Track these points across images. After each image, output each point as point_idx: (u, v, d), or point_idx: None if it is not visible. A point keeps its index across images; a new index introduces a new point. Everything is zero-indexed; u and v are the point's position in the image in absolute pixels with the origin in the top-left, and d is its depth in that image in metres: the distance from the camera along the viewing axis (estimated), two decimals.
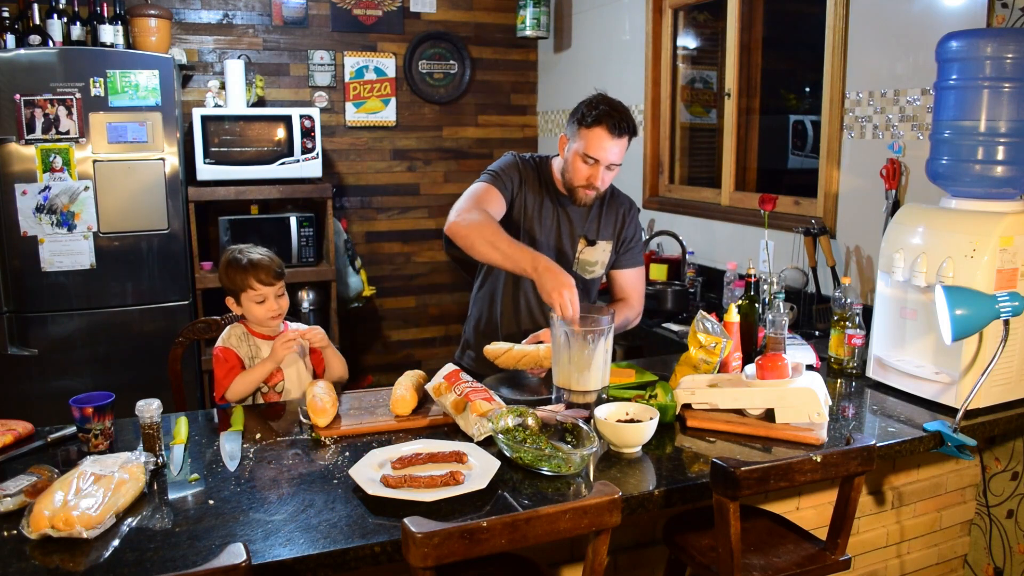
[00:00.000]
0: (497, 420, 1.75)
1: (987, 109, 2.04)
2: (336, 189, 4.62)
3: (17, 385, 3.56)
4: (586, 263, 2.44)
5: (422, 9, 4.71)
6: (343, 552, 1.39)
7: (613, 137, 2.21)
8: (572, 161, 2.28)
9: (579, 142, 2.25)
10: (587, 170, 2.26)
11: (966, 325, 1.90)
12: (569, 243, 2.42)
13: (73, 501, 1.42)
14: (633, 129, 2.25)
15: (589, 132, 2.22)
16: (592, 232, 2.43)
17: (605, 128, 2.20)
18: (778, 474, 1.54)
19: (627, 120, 2.23)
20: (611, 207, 2.46)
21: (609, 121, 2.19)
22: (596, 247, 2.44)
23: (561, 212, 2.41)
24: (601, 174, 2.26)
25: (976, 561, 2.57)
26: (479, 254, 2.14)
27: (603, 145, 2.22)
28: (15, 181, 3.47)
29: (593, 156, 2.23)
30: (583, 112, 2.24)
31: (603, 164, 2.24)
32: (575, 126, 2.26)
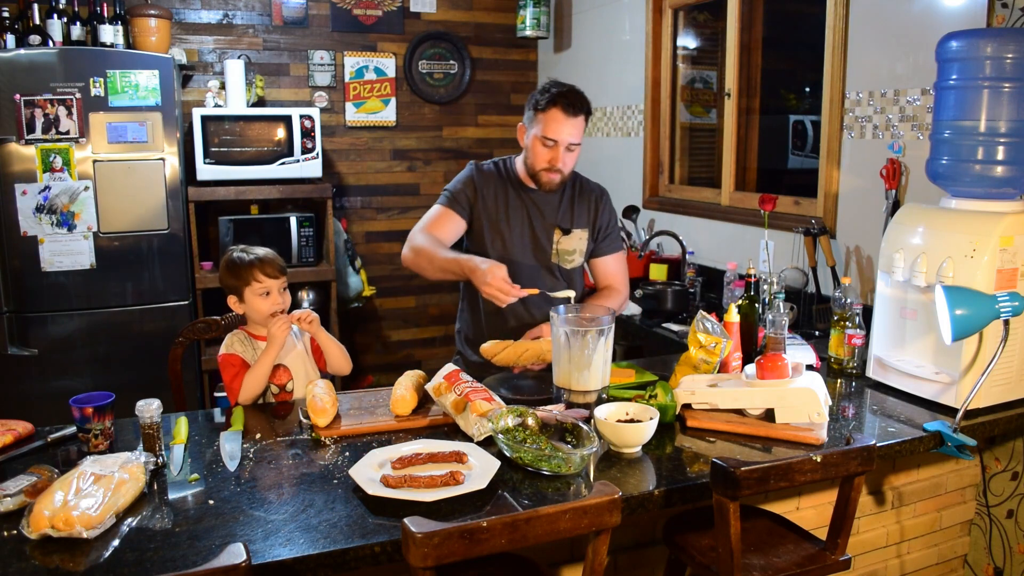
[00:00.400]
0: (497, 420, 1.75)
1: (987, 109, 2.04)
2: (336, 189, 4.62)
3: (17, 385, 3.56)
4: (564, 252, 2.47)
5: (422, 9, 4.71)
6: (343, 552, 1.39)
7: (568, 116, 2.28)
8: (532, 146, 2.35)
9: (536, 126, 2.32)
10: (547, 153, 2.32)
11: (966, 325, 1.90)
12: (544, 235, 2.45)
13: (73, 501, 1.42)
14: (588, 108, 2.32)
15: (545, 115, 2.29)
16: (566, 221, 2.47)
17: (560, 108, 2.27)
18: (778, 474, 1.54)
19: (581, 99, 2.30)
20: (582, 196, 2.50)
21: (563, 101, 2.27)
22: (572, 235, 2.47)
23: (532, 206, 2.44)
24: (562, 155, 2.32)
25: (976, 561, 2.57)
26: (430, 277, 2.34)
27: (560, 126, 2.28)
28: (15, 181, 3.47)
29: (552, 137, 2.29)
30: (536, 98, 2.32)
31: (562, 145, 2.31)
32: (531, 112, 2.35)
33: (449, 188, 2.46)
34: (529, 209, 2.44)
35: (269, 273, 2.18)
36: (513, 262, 2.38)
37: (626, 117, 4.20)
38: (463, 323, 2.59)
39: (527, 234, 2.44)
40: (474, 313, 2.53)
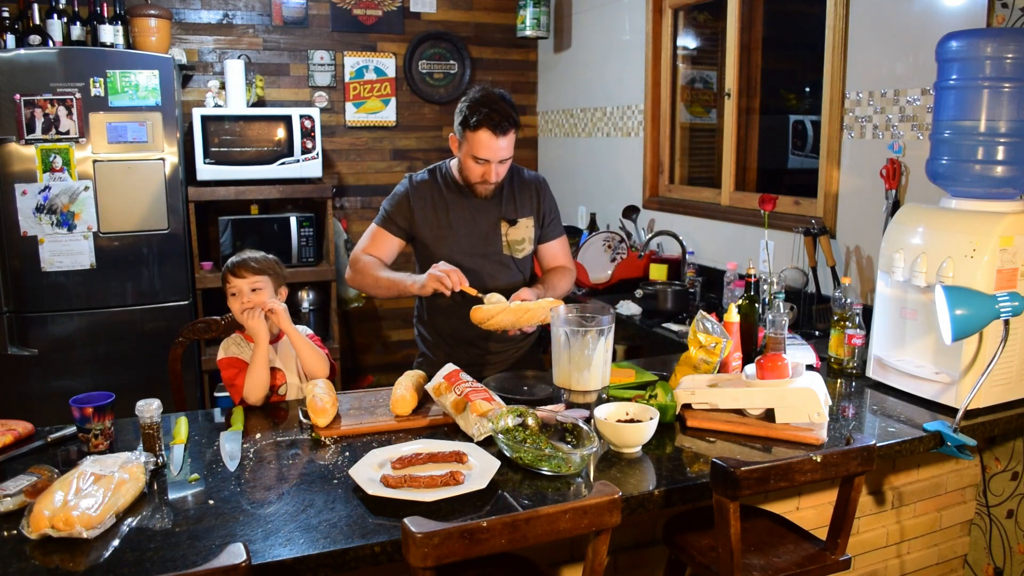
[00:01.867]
0: (497, 420, 1.75)
1: (987, 109, 2.04)
2: (336, 189, 4.62)
3: (17, 385, 3.56)
4: (514, 243, 2.51)
5: (422, 9, 4.71)
6: (343, 552, 1.39)
7: (497, 137, 2.30)
8: (464, 161, 2.38)
9: (467, 145, 2.34)
10: (479, 168, 2.36)
11: (966, 325, 1.90)
12: (491, 229, 2.49)
13: (73, 501, 1.42)
14: (516, 122, 2.34)
15: (474, 135, 2.31)
16: (511, 212, 2.51)
17: (487, 130, 2.29)
18: (778, 474, 1.54)
19: (508, 116, 2.31)
20: (523, 187, 2.54)
21: (490, 123, 2.28)
22: (519, 225, 2.51)
23: (474, 205, 2.48)
24: (494, 169, 2.35)
25: (976, 561, 2.57)
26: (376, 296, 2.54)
27: (489, 146, 2.31)
28: (15, 181, 3.47)
29: (482, 157, 2.33)
30: (465, 115, 2.33)
31: (494, 161, 2.33)
32: (461, 129, 2.35)
33: (385, 207, 2.51)
34: (472, 209, 2.47)
35: (237, 274, 2.17)
36: (465, 262, 2.40)
37: (626, 117, 4.20)
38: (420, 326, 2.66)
39: (474, 232, 2.47)
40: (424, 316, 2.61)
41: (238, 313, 2.16)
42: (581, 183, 4.66)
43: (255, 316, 2.11)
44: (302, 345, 2.18)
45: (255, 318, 2.11)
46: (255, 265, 2.18)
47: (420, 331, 2.65)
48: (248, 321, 2.12)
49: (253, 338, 2.11)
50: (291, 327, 2.17)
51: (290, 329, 2.17)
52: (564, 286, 2.53)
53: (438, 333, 2.56)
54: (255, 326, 2.11)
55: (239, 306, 2.15)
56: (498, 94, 2.35)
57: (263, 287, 2.17)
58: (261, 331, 2.11)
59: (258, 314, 2.12)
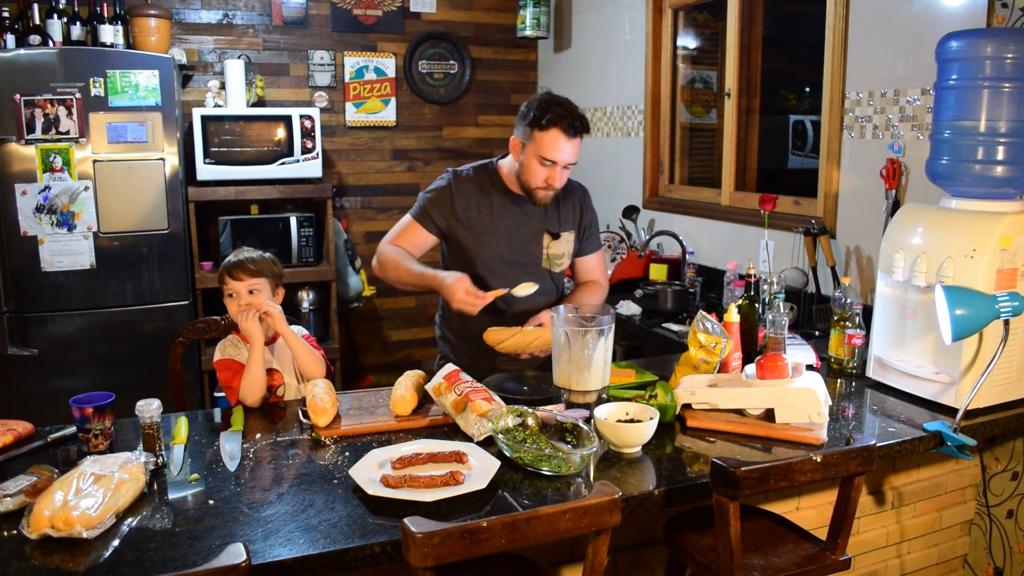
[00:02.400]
0: (497, 420, 1.75)
1: (987, 109, 2.04)
2: (336, 189, 4.62)
3: (17, 385, 3.56)
4: (554, 257, 2.46)
5: (422, 9, 4.71)
6: (343, 552, 1.39)
7: (568, 138, 2.23)
8: (528, 164, 2.28)
9: (533, 144, 2.25)
10: (544, 172, 2.27)
11: (966, 325, 1.90)
12: (533, 240, 2.43)
13: (73, 501, 1.42)
14: (586, 127, 2.28)
15: (544, 134, 2.22)
16: (554, 225, 2.45)
17: (560, 130, 2.21)
18: (778, 474, 1.54)
19: (580, 120, 2.25)
20: (567, 197, 2.48)
21: (563, 123, 2.21)
22: (561, 239, 2.46)
23: (519, 211, 2.41)
24: (559, 174, 2.28)
25: (976, 561, 2.57)
26: (398, 287, 2.41)
27: (559, 146, 2.23)
28: (15, 181, 3.47)
29: (550, 158, 2.24)
30: (535, 115, 2.24)
31: (560, 165, 2.26)
32: (528, 129, 2.26)
33: (423, 201, 2.42)
34: (516, 216, 2.40)
35: (234, 276, 2.15)
36: (501, 269, 2.37)
37: (626, 117, 4.20)
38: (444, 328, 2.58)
39: (515, 240, 2.41)
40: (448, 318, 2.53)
41: (235, 314, 2.15)
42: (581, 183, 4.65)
43: (249, 318, 2.10)
44: (298, 347, 2.17)
45: (249, 320, 2.10)
46: (252, 267, 2.17)
47: (444, 333, 2.57)
48: (243, 323, 2.11)
49: (248, 340, 2.11)
50: (287, 329, 2.16)
51: (285, 331, 2.15)
52: (593, 303, 2.45)
53: (464, 337, 2.47)
54: (249, 328, 2.10)
55: (236, 308, 2.15)
56: (566, 98, 2.29)
57: (260, 289, 2.16)
58: (256, 333, 2.10)
59: (252, 316, 2.10)
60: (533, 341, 2.18)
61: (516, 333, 2.18)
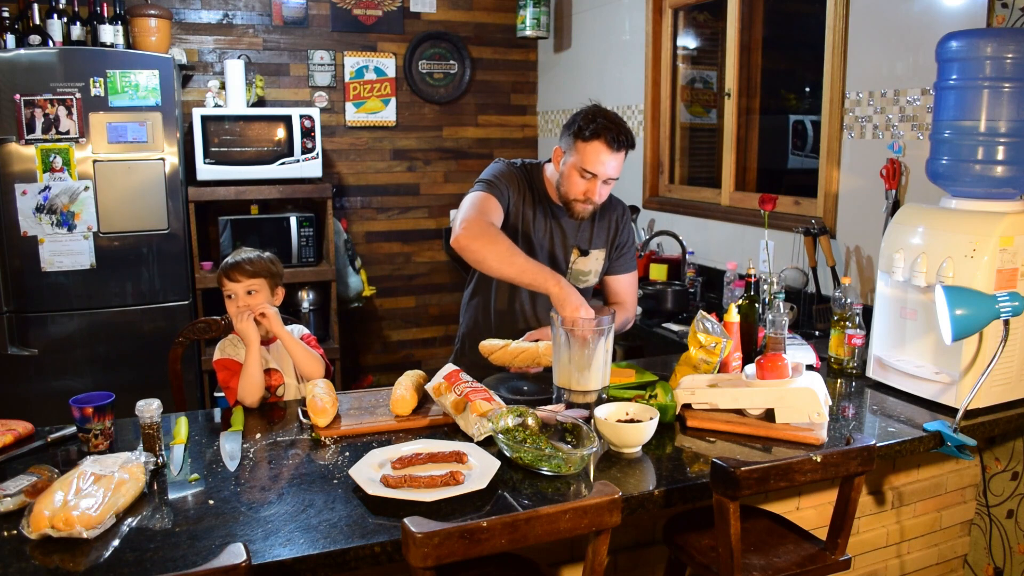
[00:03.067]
0: (497, 420, 1.75)
1: (987, 109, 2.04)
2: (336, 189, 4.62)
3: (17, 385, 3.56)
4: (579, 273, 2.41)
5: (422, 9, 4.71)
6: (343, 552, 1.39)
7: (612, 151, 2.17)
8: (568, 175, 2.23)
9: (576, 156, 2.20)
10: (584, 184, 2.22)
11: (966, 325, 1.90)
12: (562, 253, 2.39)
13: (73, 501, 1.42)
14: (632, 142, 2.22)
15: (587, 146, 2.17)
16: (584, 242, 2.40)
17: (603, 142, 2.16)
18: (778, 474, 1.54)
19: (625, 134, 2.19)
20: (604, 215, 2.42)
21: (608, 135, 2.16)
22: (589, 257, 2.41)
23: (553, 222, 2.37)
24: (598, 188, 2.22)
25: (976, 561, 2.57)
26: (490, 270, 2.10)
27: (601, 159, 2.18)
28: (15, 181, 3.47)
29: (591, 171, 2.19)
30: (580, 125, 2.19)
31: (600, 178, 2.21)
32: (571, 139, 2.21)
33: (488, 177, 2.30)
34: (551, 226, 2.36)
35: (231, 277, 2.15)
36: None
37: (626, 117, 4.19)
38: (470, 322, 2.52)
39: (545, 247, 2.36)
40: (484, 313, 2.46)
41: (233, 315, 2.15)
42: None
43: (244, 319, 2.10)
44: (295, 348, 2.16)
45: (244, 321, 2.10)
46: (249, 268, 2.16)
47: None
48: (238, 324, 2.10)
49: (244, 341, 2.11)
50: (283, 331, 2.15)
51: (282, 333, 2.15)
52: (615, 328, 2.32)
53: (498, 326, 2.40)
54: (245, 329, 2.10)
55: (235, 309, 2.15)
56: (614, 112, 2.24)
57: (259, 289, 2.16)
58: (252, 334, 2.09)
59: (247, 317, 2.10)
60: (518, 356, 2.14)
61: (505, 346, 2.15)
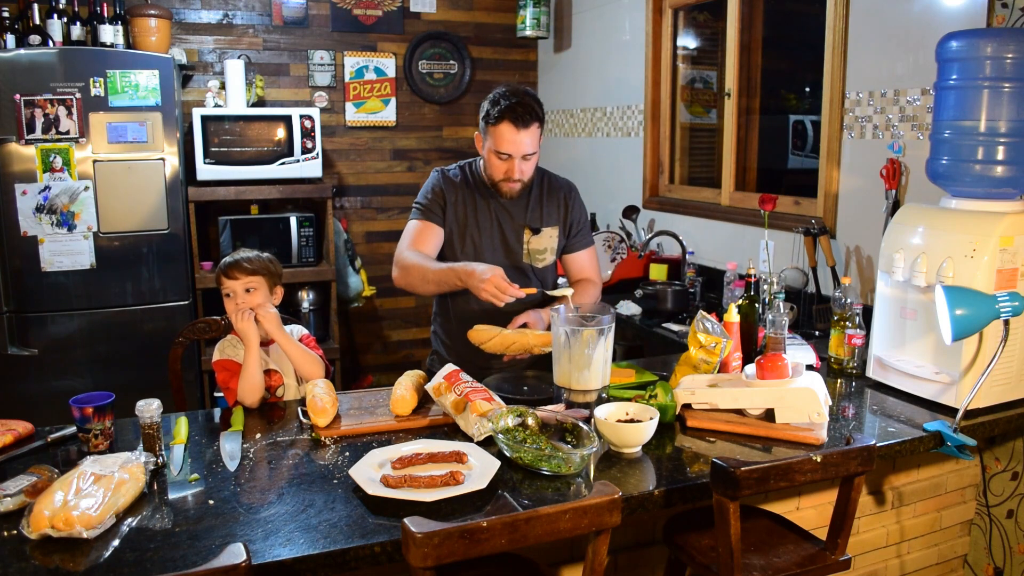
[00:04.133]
0: (497, 420, 1.75)
1: (987, 109, 2.04)
2: (336, 189, 4.62)
3: (17, 385, 3.56)
4: (535, 252, 2.47)
5: (422, 9, 4.71)
6: (343, 552, 1.39)
7: (519, 130, 2.25)
8: (488, 159, 2.34)
9: (490, 140, 2.30)
10: (504, 165, 2.31)
11: (966, 325, 1.90)
12: (514, 236, 2.45)
13: (73, 501, 1.42)
14: (539, 115, 2.29)
15: (496, 129, 2.27)
16: (536, 220, 2.46)
17: (509, 122, 2.24)
18: (778, 474, 1.54)
19: (531, 109, 2.26)
20: (551, 194, 2.49)
21: (511, 115, 2.24)
22: (542, 234, 2.47)
23: (499, 209, 2.43)
24: (518, 166, 2.30)
25: (976, 561, 2.57)
26: (424, 292, 2.37)
27: (511, 139, 2.26)
28: (15, 181, 3.47)
29: (504, 151, 2.28)
30: (487, 110, 2.29)
31: (517, 156, 2.28)
32: (484, 125, 2.32)
33: (420, 200, 2.44)
34: (497, 212, 2.43)
35: (230, 275, 2.14)
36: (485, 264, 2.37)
37: (626, 117, 4.20)
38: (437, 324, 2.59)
39: (496, 237, 2.43)
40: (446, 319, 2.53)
41: (232, 314, 2.15)
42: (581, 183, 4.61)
43: (245, 318, 2.08)
44: (294, 351, 2.15)
45: (245, 320, 2.08)
46: (248, 266, 2.15)
47: (437, 330, 2.59)
48: (238, 323, 2.09)
49: (244, 341, 2.10)
50: (281, 333, 2.14)
51: (279, 336, 2.14)
52: (586, 301, 2.45)
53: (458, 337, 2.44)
54: (245, 328, 2.08)
55: (234, 308, 2.14)
56: (522, 89, 2.31)
57: (257, 288, 2.15)
58: (252, 334, 2.08)
59: (248, 316, 2.09)
60: (512, 344, 2.16)
61: (497, 335, 2.17)
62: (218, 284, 2.18)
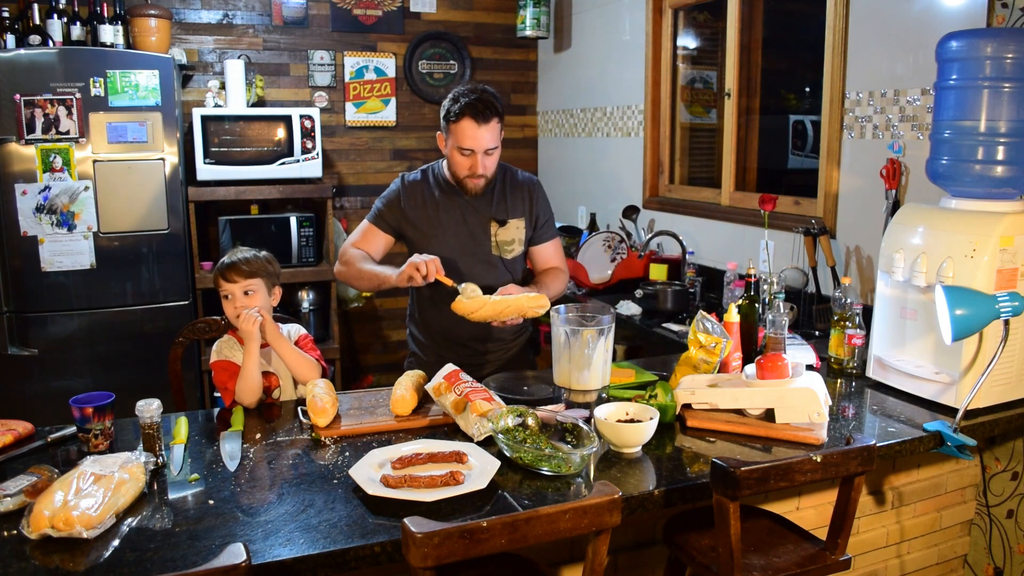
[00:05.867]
0: (497, 420, 1.75)
1: (987, 109, 2.04)
2: (336, 189, 4.62)
3: (17, 385, 3.56)
4: (503, 243, 2.50)
5: (422, 9, 4.71)
6: (343, 552, 1.39)
7: (480, 125, 2.29)
8: (451, 156, 2.37)
9: (452, 137, 2.34)
10: (467, 161, 2.34)
11: (966, 325, 1.90)
12: (480, 229, 2.47)
13: (73, 501, 1.42)
14: (498, 110, 2.32)
15: (457, 126, 2.30)
16: (501, 213, 2.49)
17: (469, 118, 2.28)
18: (778, 474, 1.54)
19: (490, 105, 2.30)
20: (516, 188, 2.53)
21: (471, 111, 2.28)
22: (509, 226, 2.49)
23: (464, 205, 2.46)
24: (481, 161, 2.33)
25: (976, 561, 2.57)
26: (359, 288, 2.47)
27: (472, 135, 2.29)
28: (15, 181, 3.47)
29: (467, 147, 2.31)
30: (448, 108, 2.32)
31: (479, 152, 2.32)
32: (445, 123, 2.35)
33: (377, 204, 2.53)
34: (462, 208, 2.46)
35: (228, 277, 2.13)
36: (453, 260, 2.41)
37: (626, 117, 4.20)
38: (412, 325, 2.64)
39: (462, 232, 2.46)
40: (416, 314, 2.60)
41: (232, 316, 2.14)
42: (581, 183, 4.66)
43: (252, 322, 2.06)
44: (290, 355, 2.15)
45: (252, 324, 2.06)
46: (245, 268, 2.14)
47: (412, 331, 2.64)
48: (244, 326, 2.07)
49: (246, 341, 2.09)
50: (278, 339, 2.14)
51: (276, 342, 2.13)
52: (557, 286, 2.52)
53: (429, 333, 2.55)
54: (251, 332, 2.07)
55: (233, 310, 2.13)
56: (480, 86, 2.35)
57: (256, 289, 2.14)
58: (255, 337, 2.07)
59: (254, 320, 2.06)
60: (505, 308, 2.16)
61: (485, 303, 2.16)
62: (216, 286, 2.17)
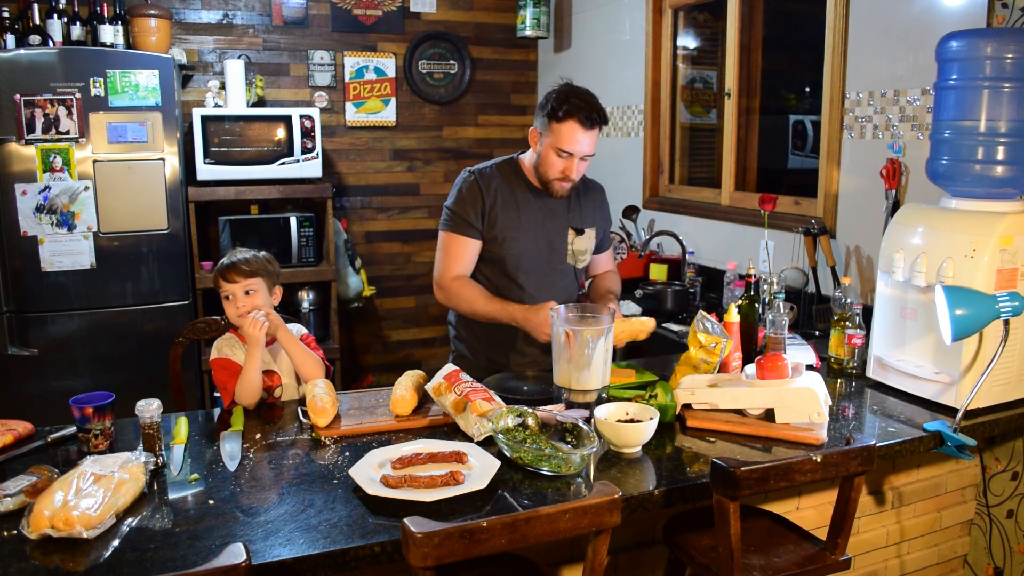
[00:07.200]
0: (497, 420, 1.75)
1: (987, 109, 2.04)
2: (336, 189, 4.62)
3: (17, 385, 3.56)
4: (578, 252, 2.47)
5: (422, 9, 4.71)
6: (343, 552, 1.39)
7: (585, 129, 2.23)
8: (546, 155, 2.29)
9: (551, 136, 2.26)
10: (561, 163, 2.28)
11: (966, 325, 1.90)
12: (558, 236, 2.43)
13: (73, 501, 1.42)
14: (604, 118, 2.28)
15: (561, 126, 2.23)
16: (577, 221, 2.46)
17: (577, 121, 2.22)
18: (778, 474, 1.54)
19: (598, 111, 2.25)
20: (588, 194, 2.50)
21: (580, 114, 2.22)
22: (585, 235, 2.47)
23: (544, 206, 2.41)
24: (576, 166, 2.28)
25: (976, 561, 2.57)
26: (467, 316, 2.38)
27: (576, 138, 2.23)
28: (15, 181, 3.47)
29: (567, 150, 2.25)
30: (553, 106, 2.25)
31: (577, 156, 2.26)
32: (546, 120, 2.27)
33: (452, 208, 2.37)
34: (543, 211, 2.40)
35: (228, 278, 2.12)
36: (529, 266, 2.37)
37: (626, 117, 4.20)
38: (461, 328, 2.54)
39: (540, 237, 2.40)
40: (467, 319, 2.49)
41: (234, 317, 2.14)
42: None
43: (257, 325, 2.05)
44: (298, 352, 2.15)
45: (258, 329, 2.05)
46: (246, 268, 2.13)
47: (460, 333, 2.53)
48: (248, 328, 2.06)
49: (249, 343, 2.08)
50: (285, 335, 2.13)
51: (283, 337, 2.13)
52: (617, 287, 2.55)
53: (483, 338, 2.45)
54: (255, 335, 2.05)
55: (234, 310, 2.13)
56: (586, 90, 2.29)
57: (257, 289, 2.13)
58: (260, 338, 2.06)
59: (259, 324, 2.05)
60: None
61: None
62: (216, 287, 2.17)
